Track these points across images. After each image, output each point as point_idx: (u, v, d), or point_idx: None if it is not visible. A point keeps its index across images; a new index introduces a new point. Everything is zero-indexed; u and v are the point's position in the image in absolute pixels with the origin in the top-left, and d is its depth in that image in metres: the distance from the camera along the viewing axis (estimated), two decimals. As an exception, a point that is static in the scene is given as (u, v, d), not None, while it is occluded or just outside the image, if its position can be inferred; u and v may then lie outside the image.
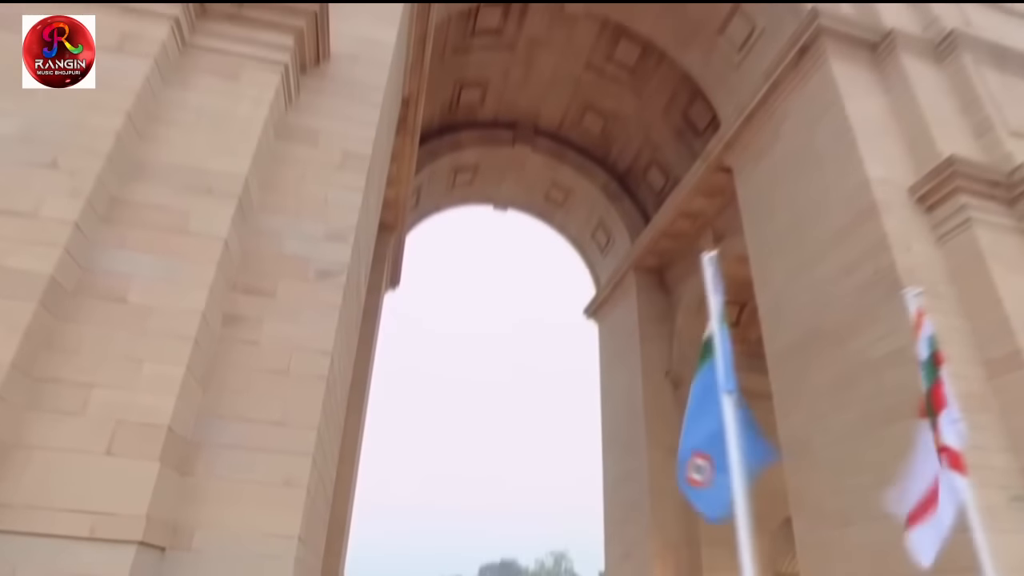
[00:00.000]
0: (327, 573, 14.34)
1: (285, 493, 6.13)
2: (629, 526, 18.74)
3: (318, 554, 8.54)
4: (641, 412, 18.89)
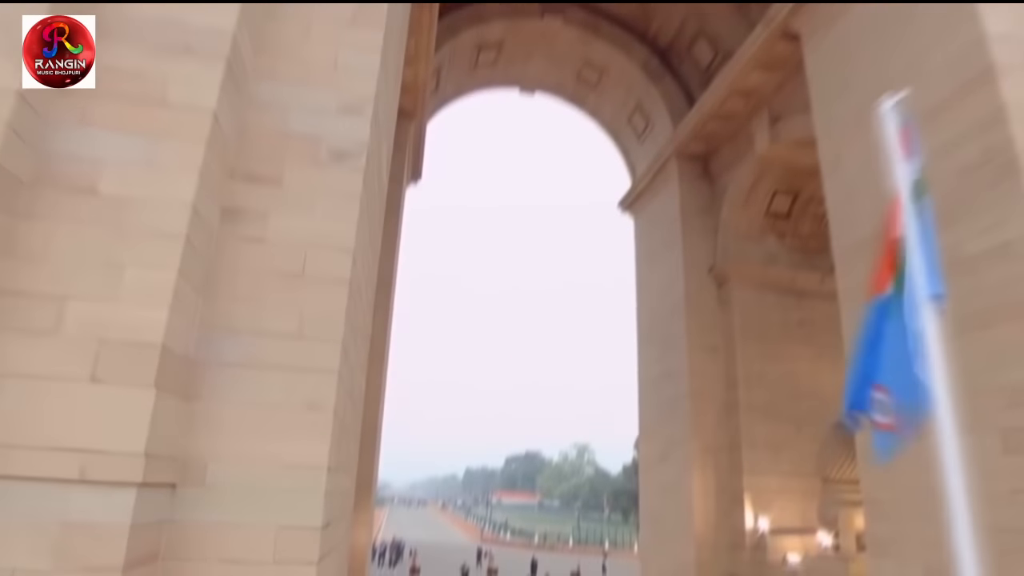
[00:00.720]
0: (360, 480, 14.11)
1: (309, 418, 5.20)
2: (666, 427, 18.25)
3: (351, 472, 7.84)
4: (682, 310, 17.87)
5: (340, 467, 6.11)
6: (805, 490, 16.49)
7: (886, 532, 10.46)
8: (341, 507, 6.57)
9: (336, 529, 6.16)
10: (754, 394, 16.93)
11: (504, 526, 74.54)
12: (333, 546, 6.03)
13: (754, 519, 16.01)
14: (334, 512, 5.80)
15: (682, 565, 16.65)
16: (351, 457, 7.40)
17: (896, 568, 10.19)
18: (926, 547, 9.70)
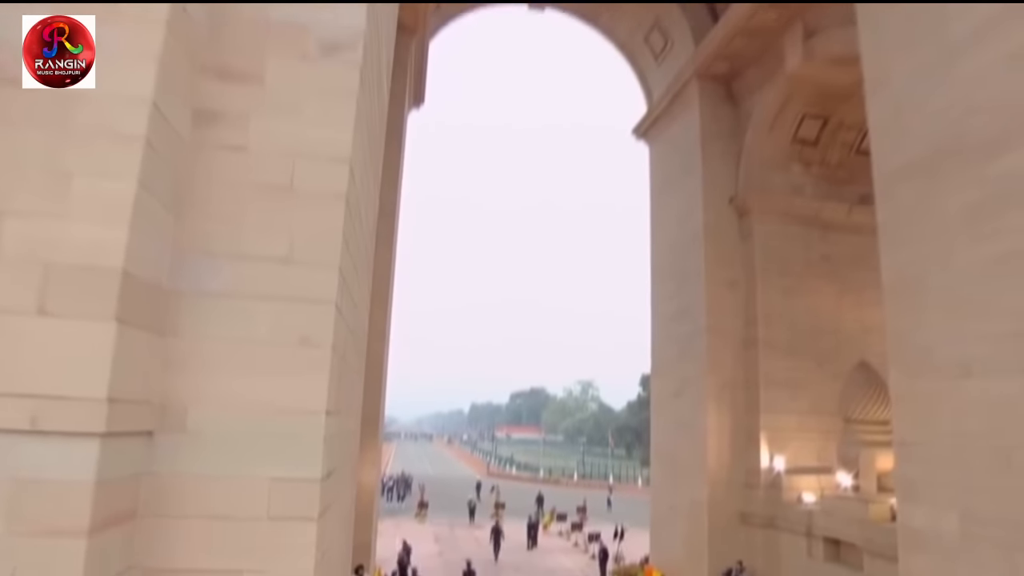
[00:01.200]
0: (366, 417, 13.66)
1: (303, 355, 4.51)
2: (682, 364, 17.72)
3: (354, 413, 7.22)
4: (700, 242, 17.03)
5: (342, 409, 5.45)
6: (823, 430, 16.06)
7: (919, 476, 9.94)
8: (344, 452, 5.97)
9: (339, 478, 5.56)
10: (773, 331, 16.29)
11: (510, 460, 75.99)
12: (336, 496, 5.44)
13: (769, 458, 15.66)
14: (336, 460, 5.18)
15: (694, 503, 16.43)
16: (354, 397, 6.77)
17: (929, 513, 9.71)
18: (962, 492, 9.21)
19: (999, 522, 8.61)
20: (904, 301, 10.45)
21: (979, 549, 8.87)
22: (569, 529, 30.56)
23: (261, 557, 4.27)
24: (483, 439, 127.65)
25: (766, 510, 15.31)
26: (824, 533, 13.62)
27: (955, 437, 9.37)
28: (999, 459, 8.71)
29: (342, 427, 5.65)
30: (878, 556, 12.18)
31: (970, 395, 9.22)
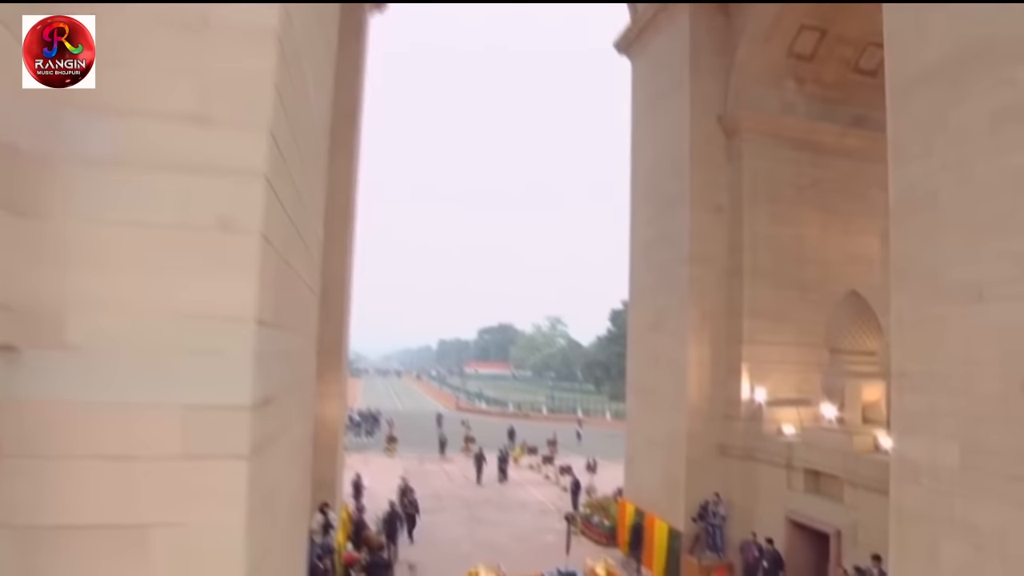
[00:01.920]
0: (327, 346, 12.65)
1: (223, 244, 3.40)
2: (661, 294, 16.97)
3: (305, 333, 6.16)
4: (685, 164, 15.99)
5: (284, 323, 4.37)
6: (805, 361, 15.60)
7: (917, 406, 9.39)
8: (292, 378, 4.94)
9: (284, 408, 4.54)
10: (759, 259, 15.55)
11: (479, 395, 76.46)
12: (281, 430, 4.43)
13: (750, 390, 15.20)
14: (276, 385, 4.14)
15: (672, 435, 16.02)
16: (306, 315, 5.69)
17: (926, 444, 9.22)
18: (966, 423, 8.69)
19: (1005, 452, 8.13)
20: (913, 221, 9.67)
21: (979, 480, 8.43)
22: (540, 462, 30.59)
23: (174, 508, 3.28)
24: (452, 375, 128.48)
25: (745, 442, 14.95)
26: (805, 465, 13.31)
27: (963, 365, 8.78)
28: (1011, 387, 8.13)
29: (286, 346, 4.60)
30: (860, 487, 11.89)
31: (982, 320, 8.58)
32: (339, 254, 13.12)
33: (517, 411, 60.83)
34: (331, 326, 12.77)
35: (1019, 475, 7.95)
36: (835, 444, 12.65)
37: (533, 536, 19.19)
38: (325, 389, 12.73)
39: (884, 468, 11.45)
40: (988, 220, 8.53)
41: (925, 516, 9.14)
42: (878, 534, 11.19)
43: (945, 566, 8.82)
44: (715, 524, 14.76)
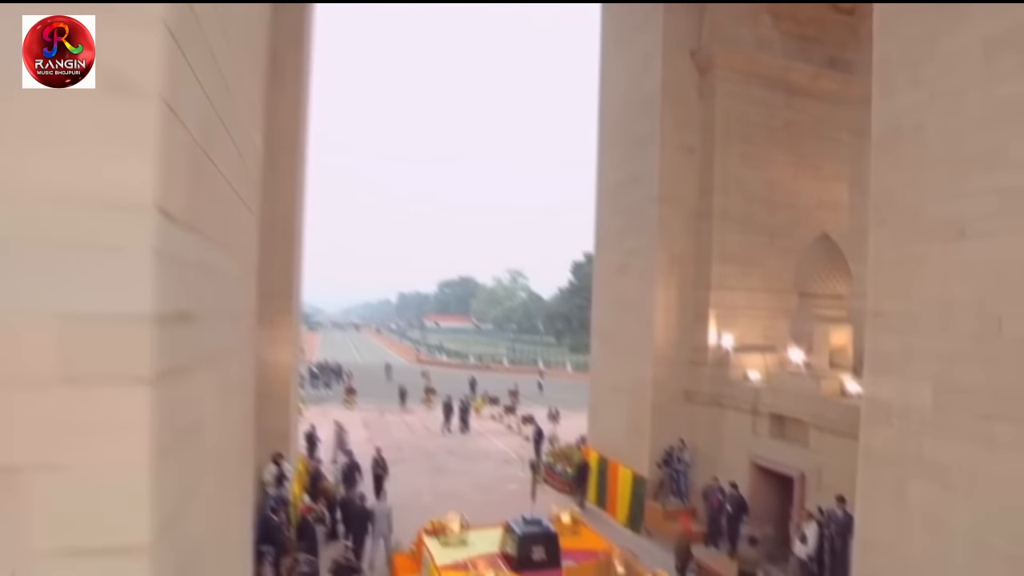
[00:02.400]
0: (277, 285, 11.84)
1: (111, 110, 2.63)
2: (628, 237, 16.48)
3: (246, 261, 5.40)
4: (657, 101, 15.33)
5: (205, 229, 3.61)
6: (772, 307, 15.46)
7: (892, 347, 9.20)
8: (219, 299, 4.20)
9: (208, 333, 3.82)
10: (730, 202, 15.16)
11: (439, 348, 76.07)
12: (203, 358, 3.72)
13: (718, 336, 15.00)
14: (194, 300, 3.41)
15: (637, 381, 15.79)
16: (238, 229, 4.90)
17: (899, 385, 9.05)
18: (940, 362, 8.52)
19: (978, 391, 7.99)
20: (897, 154, 9.28)
21: (951, 420, 8.31)
22: (502, 412, 30.43)
23: (54, 446, 2.57)
24: (412, 328, 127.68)
25: (711, 388, 14.81)
26: (770, 410, 13.21)
27: (940, 304, 8.56)
28: (988, 325, 7.95)
29: (212, 260, 3.86)
30: (826, 431, 11.85)
31: (962, 258, 8.33)
32: (288, 191, 12.18)
33: (478, 363, 60.71)
34: (280, 267, 11.94)
35: (991, 414, 7.83)
36: (802, 389, 12.54)
37: (496, 486, 19.00)
38: (276, 334, 11.95)
39: (851, 412, 11.39)
40: (976, 153, 8.19)
41: (894, 456, 9.05)
42: (842, 477, 11.20)
43: (912, 505, 8.78)
44: (679, 470, 14.71)
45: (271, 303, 11.57)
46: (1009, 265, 7.76)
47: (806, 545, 10.75)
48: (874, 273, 9.64)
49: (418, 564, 11.58)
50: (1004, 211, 7.82)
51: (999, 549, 7.67)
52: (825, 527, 10.57)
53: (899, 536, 8.92)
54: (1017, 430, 7.52)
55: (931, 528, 8.48)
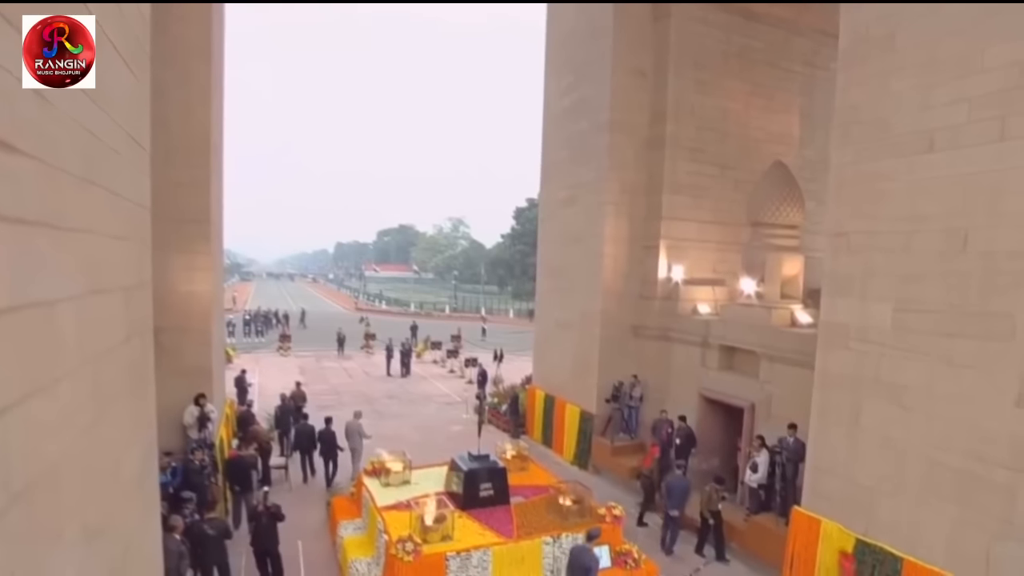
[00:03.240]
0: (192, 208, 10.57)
1: None
2: (576, 167, 15.72)
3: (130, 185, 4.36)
4: (609, 21, 14.46)
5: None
6: (722, 240, 15.16)
7: (852, 268, 8.92)
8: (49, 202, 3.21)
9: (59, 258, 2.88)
10: (682, 129, 14.56)
11: (379, 296, 74.44)
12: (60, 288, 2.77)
13: (668, 268, 14.60)
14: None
15: (585, 316, 15.32)
16: (123, 99, 3.87)
17: (858, 306, 8.80)
18: (902, 281, 8.26)
19: (939, 310, 7.77)
20: (865, 66, 8.78)
21: (910, 340, 8.11)
22: (444, 356, 29.80)
23: None
24: (351, 277, 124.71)
25: (661, 322, 14.48)
26: (721, 342, 12.99)
27: (905, 221, 8.24)
28: (954, 241, 7.67)
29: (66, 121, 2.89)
30: (776, 361, 11.70)
31: (930, 172, 7.97)
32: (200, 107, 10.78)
33: (419, 311, 59.71)
34: (195, 192, 10.67)
35: (952, 332, 7.63)
36: (753, 319, 12.31)
37: (439, 427, 18.48)
38: (192, 262, 10.74)
39: (802, 340, 11.22)
40: (948, 60, 7.75)
41: (851, 379, 8.87)
42: (792, 406, 11.10)
43: (866, 428, 8.65)
44: (631, 406, 14.45)
45: (185, 228, 10.32)
46: (977, 177, 7.45)
47: (757, 474, 10.63)
48: (836, 192, 9.26)
49: (358, 506, 10.96)
50: (974, 120, 7.47)
51: (951, 465, 7.61)
52: (777, 454, 10.45)
53: (852, 459, 8.81)
54: (977, 347, 7.35)
55: (885, 449, 8.38)
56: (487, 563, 8.47)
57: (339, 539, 10.07)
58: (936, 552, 7.72)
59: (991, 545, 7.21)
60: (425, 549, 8.23)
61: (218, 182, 11.83)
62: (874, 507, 8.52)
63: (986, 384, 7.27)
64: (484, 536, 8.85)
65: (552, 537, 8.92)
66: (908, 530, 8.09)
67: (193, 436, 10.73)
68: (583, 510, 9.61)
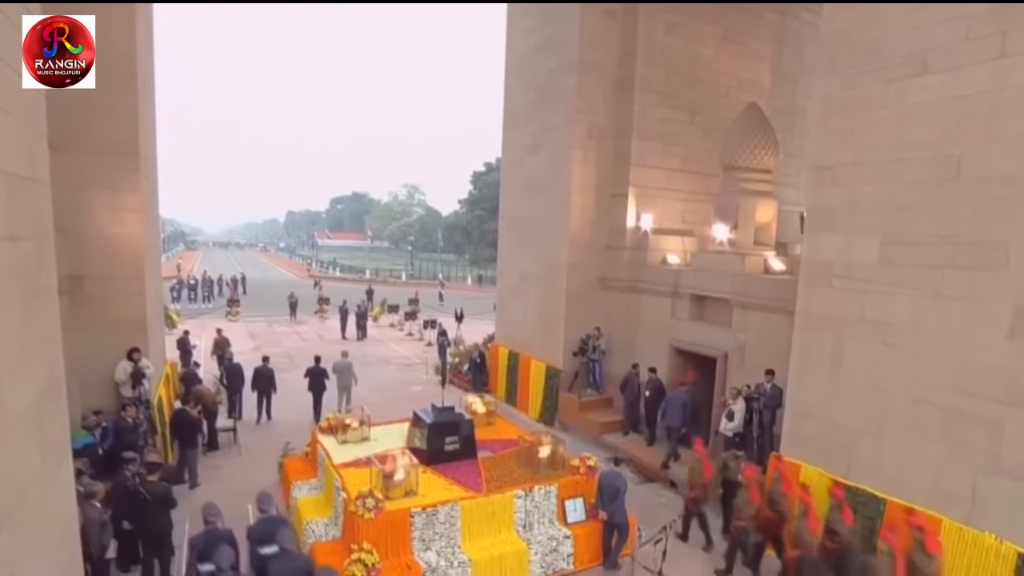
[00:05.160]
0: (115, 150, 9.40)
1: None
2: (542, 111, 14.92)
3: None
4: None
5: None
6: (691, 190, 14.69)
7: (837, 201, 8.50)
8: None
9: None
10: (652, 72, 13.89)
11: (333, 264, 72.41)
12: None
13: (636, 217, 14.05)
14: None
15: (550, 267, 14.70)
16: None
17: (842, 242, 8.41)
18: (889, 213, 7.85)
19: (928, 241, 7.39)
20: (855, -14, 8.24)
21: (897, 274, 7.73)
22: (402, 319, 28.92)
23: None
24: (303, 246, 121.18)
25: (629, 273, 13.96)
26: (692, 291, 12.55)
27: (893, 149, 7.80)
28: (946, 168, 7.26)
29: None
30: (750, 309, 11.33)
31: (922, 96, 7.51)
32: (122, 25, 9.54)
33: (375, 277, 58.23)
34: (118, 120, 9.49)
35: (941, 263, 7.26)
36: (726, 266, 11.88)
37: (398, 388, 17.78)
38: (118, 200, 9.63)
39: (777, 286, 10.85)
40: (945, -26, 7.26)
41: (834, 319, 8.50)
42: (766, 354, 10.77)
43: (849, 368, 8.31)
44: (595, 359, 13.97)
45: (108, 161, 9.17)
46: (973, 99, 7.03)
47: (733, 422, 10.29)
48: (821, 123, 8.78)
49: (312, 466, 10.19)
50: (971, 37, 7.02)
51: (937, 403, 7.34)
52: (755, 400, 10.11)
53: (834, 401, 8.50)
54: (968, 277, 7.02)
55: (868, 390, 8.07)
56: (455, 518, 7.88)
57: (293, 501, 9.31)
58: (920, 491, 7.48)
59: (977, 480, 6.98)
60: (387, 506, 7.57)
61: (149, 113, 10.64)
62: (855, 449, 8.24)
63: (977, 316, 6.96)
64: (451, 491, 8.25)
65: (524, 491, 8.37)
66: (891, 471, 7.83)
67: (126, 394, 9.75)
68: (555, 462, 9.09)
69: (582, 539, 8.41)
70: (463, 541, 7.89)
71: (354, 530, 7.37)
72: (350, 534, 7.47)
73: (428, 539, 7.71)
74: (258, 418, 14.18)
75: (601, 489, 8.45)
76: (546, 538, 8.21)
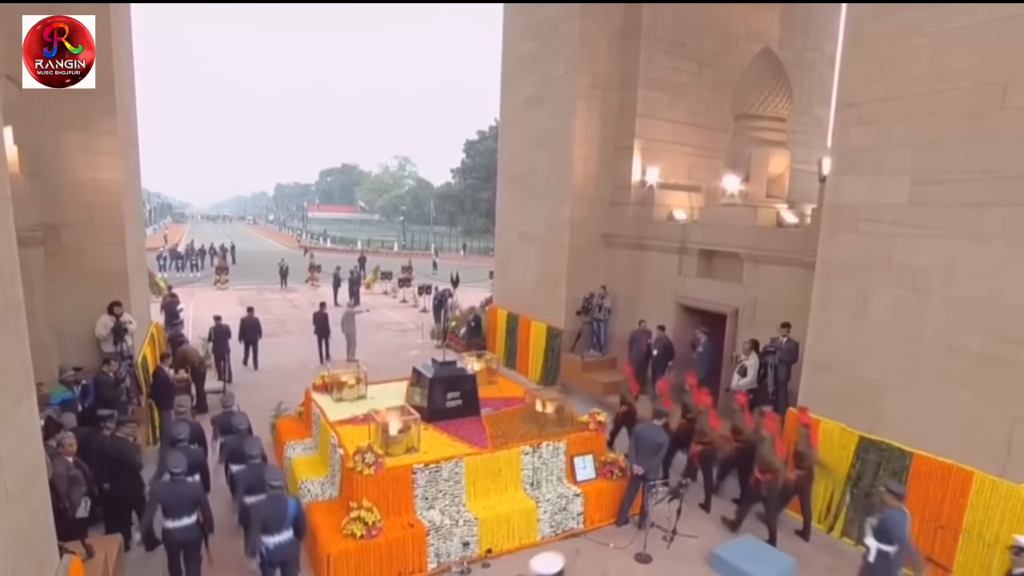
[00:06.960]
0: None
1: None
2: (544, 60, 14.22)
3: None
4: None
5: None
6: (696, 144, 14.10)
7: (865, 139, 8.00)
8: None
9: None
10: (659, 18, 13.21)
11: (323, 235, 71.39)
12: None
13: (642, 172, 13.47)
14: None
15: (552, 225, 14.13)
16: None
17: (869, 184, 7.91)
18: (919, 150, 7.34)
19: (967, 179, 6.87)
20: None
21: (930, 215, 7.22)
22: (396, 286, 28.34)
23: None
24: (292, 219, 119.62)
25: (634, 229, 13.43)
26: (700, 246, 12.06)
27: (929, 81, 7.25)
28: (989, 98, 6.72)
29: None
30: (762, 262, 10.85)
31: (966, 20, 6.95)
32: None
33: (367, 248, 57.36)
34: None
35: (980, 201, 6.76)
36: (737, 219, 11.39)
37: (394, 352, 17.32)
38: (93, 143, 8.96)
39: (792, 238, 10.35)
40: None
41: (858, 265, 8.01)
42: (779, 309, 10.31)
43: (875, 317, 7.85)
44: (600, 319, 13.50)
45: (80, 100, 8.44)
46: (1019, 20, 6.47)
47: (746, 378, 9.87)
48: (848, 55, 8.20)
49: (306, 426, 9.72)
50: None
51: (971, 349, 6.90)
52: (770, 354, 9.68)
53: (857, 353, 8.06)
54: (1010, 215, 6.52)
55: (895, 338, 7.62)
56: (459, 475, 7.43)
57: (287, 461, 8.84)
58: (950, 443, 7.08)
59: (1014, 430, 6.58)
60: (388, 462, 7.10)
61: (126, 48, 9.90)
62: (879, 402, 7.83)
63: (1019, 256, 6.49)
64: (454, 447, 7.78)
65: (531, 447, 7.92)
66: (917, 424, 7.43)
67: (108, 350, 9.19)
68: (562, 418, 8.64)
69: (592, 498, 8.00)
70: (468, 499, 7.46)
71: (352, 487, 6.91)
72: (348, 491, 7.01)
73: (431, 497, 7.26)
74: (244, 362, 15.06)
75: (638, 443, 8.03)
76: (555, 496, 7.80)
